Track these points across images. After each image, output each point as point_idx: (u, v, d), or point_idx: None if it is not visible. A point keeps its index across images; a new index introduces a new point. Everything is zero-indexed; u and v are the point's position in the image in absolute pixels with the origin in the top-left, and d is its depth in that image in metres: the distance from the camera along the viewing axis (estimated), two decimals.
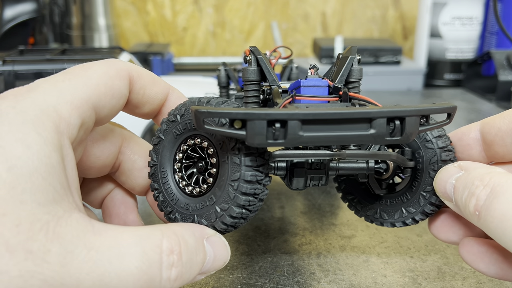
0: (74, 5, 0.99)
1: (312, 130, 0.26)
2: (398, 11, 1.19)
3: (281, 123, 0.25)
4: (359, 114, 0.26)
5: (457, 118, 0.79)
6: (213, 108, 0.25)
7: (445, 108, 0.28)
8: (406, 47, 1.19)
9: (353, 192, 0.36)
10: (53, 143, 0.24)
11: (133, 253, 0.23)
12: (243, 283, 0.36)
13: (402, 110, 0.26)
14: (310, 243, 0.41)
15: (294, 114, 0.25)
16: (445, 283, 0.36)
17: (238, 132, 0.25)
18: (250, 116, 0.25)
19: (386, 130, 0.26)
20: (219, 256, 0.28)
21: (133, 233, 0.24)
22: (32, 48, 0.71)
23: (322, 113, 0.25)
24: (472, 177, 0.27)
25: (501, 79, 0.89)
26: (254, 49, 0.32)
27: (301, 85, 0.31)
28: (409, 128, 0.27)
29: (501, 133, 0.31)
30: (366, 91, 0.82)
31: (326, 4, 1.18)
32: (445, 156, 0.31)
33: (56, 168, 0.23)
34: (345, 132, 0.26)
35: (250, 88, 0.33)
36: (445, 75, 1.01)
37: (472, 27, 0.98)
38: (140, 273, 0.23)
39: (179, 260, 0.25)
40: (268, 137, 0.25)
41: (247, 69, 0.33)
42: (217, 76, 0.50)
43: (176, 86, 0.34)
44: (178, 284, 0.25)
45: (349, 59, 0.32)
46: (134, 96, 0.30)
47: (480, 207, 0.25)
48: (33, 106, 0.24)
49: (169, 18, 1.17)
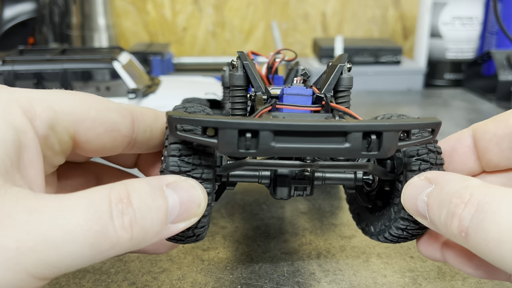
0: (74, 5, 0.99)
1: (284, 141, 0.25)
2: (398, 11, 1.19)
3: (253, 133, 0.25)
4: (333, 127, 0.25)
5: (457, 118, 0.79)
6: (186, 115, 0.25)
7: (427, 124, 0.26)
8: (406, 47, 1.19)
9: (353, 203, 0.36)
10: (13, 122, 0.23)
11: (78, 205, 0.22)
12: (243, 283, 0.35)
13: (379, 125, 0.25)
14: (310, 243, 0.41)
15: (265, 124, 0.24)
16: (445, 283, 0.36)
17: (210, 140, 0.25)
18: (221, 125, 0.24)
19: (362, 144, 0.25)
20: (187, 198, 0.25)
21: (82, 192, 0.23)
22: (32, 48, 0.71)
23: (294, 125, 0.24)
24: (448, 194, 0.25)
25: (501, 79, 0.89)
26: (241, 54, 0.32)
27: (284, 93, 0.30)
28: (387, 143, 0.25)
29: (496, 138, 0.29)
30: (366, 91, 0.82)
31: (326, 4, 1.18)
32: (414, 166, 0.29)
33: (8, 143, 0.23)
34: (319, 144, 0.25)
35: (236, 94, 0.33)
36: (445, 75, 1.01)
37: (472, 27, 0.98)
38: (88, 223, 0.22)
39: (128, 206, 0.23)
40: (239, 146, 0.25)
41: (233, 75, 0.32)
42: (221, 76, 0.50)
43: (176, 86, 0.34)
44: (140, 233, 0.23)
45: (337, 68, 0.32)
46: (141, 135, 0.30)
47: (466, 228, 0.23)
48: (6, 93, 0.25)
49: (169, 18, 1.17)
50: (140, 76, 0.66)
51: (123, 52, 0.67)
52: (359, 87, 0.95)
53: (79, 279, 0.36)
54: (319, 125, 0.24)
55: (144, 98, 0.62)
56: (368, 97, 0.91)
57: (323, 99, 0.30)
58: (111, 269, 0.37)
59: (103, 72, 0.70)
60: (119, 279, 0.36)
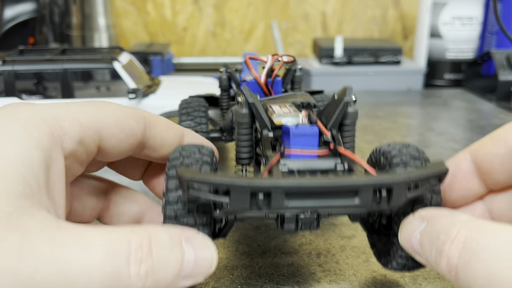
0: (74, 5, 0.99)
1: (296, 199, 0.25)
2: (398, 11, 1.19)
3: (265, 193, 0.25)
4: (344, 186, 0.25)
5: (457, 118, 0.79)
6: (197, 174, 0.25)
7: (436, 174, 0.26)
8: (406, 47, 1.19)
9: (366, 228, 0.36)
10: (40, 143, 0.24)
11: (99, 244, 0.22)
12: (243, 283, 0.36)
13: (389, 181, 0.25)
14: (310, 243, 0.41)
15: (278, 186, 0.24)
16: (445, 283, 0.36)
17: (221, 199, 0.26)
18: (233, 187, 0.24)
19: (372, 200, 0.26)
20: (201, 256, 0.25)
21: (102, 229, 0.23)
22: (32, 48, 0.71)
23: (306, 185, 0.25)
24: (437, 231, 0.24)
25: (501, 79, 0.89)
26: (245, 90, 0.32)
27: (291, 133, 0.30)
28: (397, 197, 0.26)
29: (498, 159, 0.28)
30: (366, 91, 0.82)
31: (326, 4, 1.18)
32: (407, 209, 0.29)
33: (35, 165, 0.23)
34: (330, 201, 0.26)
35: (242, 132, 0.33)
36: (445, 75, 1.01)
37: (472, 27, 0.98)
38: (105, 265, 0.22)
39: (148, 255, 0.23)
40: (251, 206, 0.25)
41: (239, 112, 0.32)
42: (218, 77, 0.50)
43: (176, 86, 0.34)
44: (152, 284, 0.23)
45: (343, 103, 0.32)
46: (152, 141, 0.31)
47: (454, 266, 0.23)
48: (30, 111, 0.25)
49: (169, 18, 1.17)
50: (140, 76, 0.66)
51: (123, 52, 0.67)
52: (359, 87, 0.95)
53: None
54: (331, 185, 0.25)
55: (145, 98, 0.62)
56: (368, 97, 0.91)
57: (330, 142, 0.30)
58: None
59: (103, 72, 0.70)
60: None
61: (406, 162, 0.30)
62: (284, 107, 0.36)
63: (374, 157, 0.33)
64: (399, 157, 0.30)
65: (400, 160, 0.30)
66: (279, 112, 0.35)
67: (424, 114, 0.82)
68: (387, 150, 0.31)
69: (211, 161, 0.30)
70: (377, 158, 0.32)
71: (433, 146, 0.64)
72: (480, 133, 0.70)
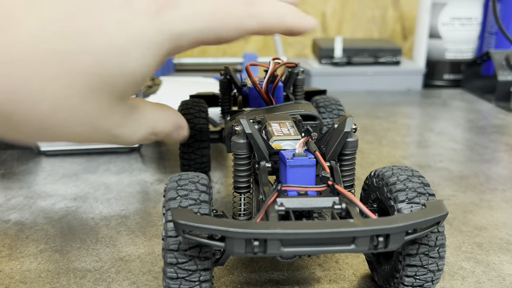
0: None
1: (292, 246, 0.26)
2: (398, 12, 1.19)
3: (260, 240, 0.25)
4: (341, 234, 0.25)
5: (457, 118, 0.79)
6: (193, 219, 0.25)
7: (435, 219, 0.27)
8: (406, 48, 1.20)
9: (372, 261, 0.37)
10: None
11: None
12: (243, 282, 0.36)
13: (386, 228, 0.25)
14: None
15: (273, 234, 0.25)
16: (444, 283, 0.36)
17: (217, 243, 0.26)
18: (228, 234, 0.25)
19: (369, 245, 0.26)
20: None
21: None
22: None
23: (302, 233, 0.25)
24: None
25: (500, 79, 0.89)
26: (243, 121, 0.31)
27: (287, 165, 0.30)
28: (394, 241, 0.26)
29: None
30: (365, 92, 0.82)
31: (326, 4, 1.18)
32: None
33: None
34: (327, 247, 0.26)
35: (239, 162, 0.33)
36: (445, 75, 1.02)
37: (472, 27, 0.98)
38: None
39: None
40: (247, 250, 0.25)
41: (236, 142, 0.32)
42: (219, 81, 0.50)
43: (176, 86, 0.34)
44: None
45: (343, 134, 0.31)
46: None
47: None
48: None
49: None
50: None
51: None
52: (359, 88, 0.95)
53: (80, 279, 0.36)
54: (327, 233, 0.25)
55: (145, 99, 0.62)
56: (368, 97, 0.91)
57: (328, 178, 0.30)
58: (112, 268, 0.37)
59: None
60: (120, 279, 0.36)
61: (411, 199, 0.30)
62: (284, 126, 0.36)
63: (374, 181, 0.33)
64: (405, 194, 0.30)
65: (406, 197, 0.30)
66: (279, 133, 0.34)
67: (423, 114, 0.82)
68: (391, 182, 0.31)
69: (209, 199, 0.30)
70: (378, 186, 0.32)
71: (432, 146, 0.64)
72: (479, 133, 0.70)
